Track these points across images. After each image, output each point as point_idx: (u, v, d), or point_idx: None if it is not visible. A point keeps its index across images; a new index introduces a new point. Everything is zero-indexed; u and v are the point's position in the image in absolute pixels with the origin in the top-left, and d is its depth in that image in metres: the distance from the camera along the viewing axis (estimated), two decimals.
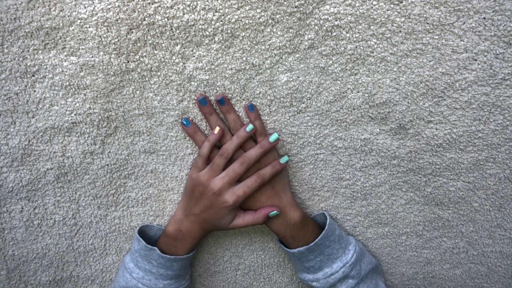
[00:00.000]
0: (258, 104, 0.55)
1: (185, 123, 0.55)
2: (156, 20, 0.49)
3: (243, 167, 0.54)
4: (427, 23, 0.50)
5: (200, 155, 0.55)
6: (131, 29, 0.49)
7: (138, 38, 0.50)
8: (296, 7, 0.49)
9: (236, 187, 0.54)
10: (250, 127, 0.54)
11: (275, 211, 0.56)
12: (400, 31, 0.51)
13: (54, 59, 0.50)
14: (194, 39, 0.50)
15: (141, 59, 0.51)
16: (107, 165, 0.58)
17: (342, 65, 0.53)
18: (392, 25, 0.50)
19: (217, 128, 0.54)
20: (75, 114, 0.54)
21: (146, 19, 0.49)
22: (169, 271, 0.57)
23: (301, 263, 0.59)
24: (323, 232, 0.58)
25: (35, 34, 0.49)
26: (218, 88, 0.54)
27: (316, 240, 0.57)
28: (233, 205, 0.54)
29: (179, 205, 0.59)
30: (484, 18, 0.49)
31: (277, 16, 0.49)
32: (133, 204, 0.62)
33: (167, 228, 0.59)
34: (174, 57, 0.51)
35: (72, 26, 0.49)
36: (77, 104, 0.53)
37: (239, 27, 0.50)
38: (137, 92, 0.53)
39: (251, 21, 0.50)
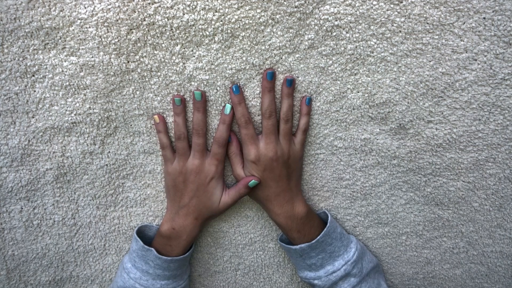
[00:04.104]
0: (258, 104, 0.55)
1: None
2: (156, 20, 0.49)
3: (200, 136, 0.55)
4: (427, 23, 0.50)
5: (163, 147, 0.56)
6: (131, 29, 0.49)
7: (138, 38, 0.50)
8: (296, 7, 0.49)
9: (208, 158, 0.56)
10: (177, 99, 0.53)
11: (253, 180, 0.55)
12: (400, 31, 0.51)
13: (54, 59, 0.50)
14: (194, 39, 0.50)
15: (141, 59, 0.51)
16: (106, 165, 0.58)
17: (342, 65, 0.53)
18: (392, 25, 0.50)
19: (155, 116, 0.55)
20: (75, 114, 0.54)
21: (146, 19, 0.49)
22: (166, 271, 0.57)
23: (303, 260, 0.59)
24: (325, 229, 0.58)
25: (35, 34, 0.49)
26: (218, 88, 0.54)
27: (318, 237, 0.57)
28: (216, 173, 0.55)
29: (167, 206, 0.60)
30: (484, 18, 0.50)
31: (277, 16, 0.49)
32: (132, 204, 0.62)
33: (160, 228, 0.59)
34: (174, 57, 0.51)
35: (72, 26, 0.49)
36: (77, 104, 0.53)
37: (239, 27, 0.50)
38: (137, 92, 0.53)
39: (251, 21, 0.50)
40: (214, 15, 0.49)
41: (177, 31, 0.50)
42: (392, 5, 0.49)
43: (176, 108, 0.54)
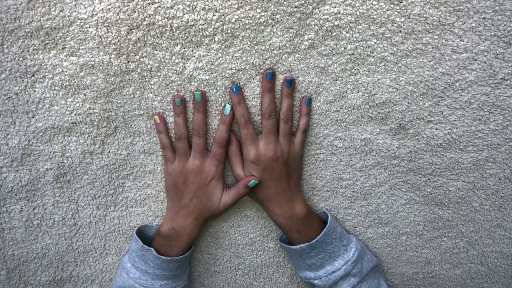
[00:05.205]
0: (258, 104, 0.55)
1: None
2: (156, 20, 0.49)
3: (201, 136, 0.55)
4: (427, 23, 0.50)
5: (163, 148, 0.56)
6: (131, 29, 0.49)
7: (138, 39, 0.50)
8: (296, 7, 0.49)
9: (209, 158, 0.56)
10: (177, 100, 0.54)
11: (253, 180, 0.55)
12: (400, 31, 0.51)
13: (54, 59, 0.50)
14: (194, 39, 0.50)
15: (141, 59, 0.51)
16: (106, 165, 0.58)
17: (342, 65, 0.53)
18: (392, 25, 0.50)
19: (156, 117, 0.55)
20: (75, 114, 0.54)
21: (146, 19, 0.49)
22: (165, 271, 0.57)
23: (303, 260, 0.59)
24: (325, 229, 0.58)
25: (35, 34, 0.49)
26: (218, 88, 0.54)
27: (318, 237, 0.57)
28: (216, 173, 0.56)
29: (167, 206, 0.60)
30: (484, 18, 0.50)
31: (277, 16, 0.49)
32: (132, 204, 0.62)
33: (160, 228, 0.59)
34: (174, 57, 0.51)
35: (72, 26, 0.49)
36: (77, 104, 0.53)
37: (239, 27, 0.50)
38: (137, 92, 0.53)
39: (251, 21, 0.50)
40: (214, 15, 0.49)
41: (177, 31, 0.50)
42: (392, 5, 0.49)
43: (177, 109, 0.54)
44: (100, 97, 0.53)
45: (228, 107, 0.54)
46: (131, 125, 0.56)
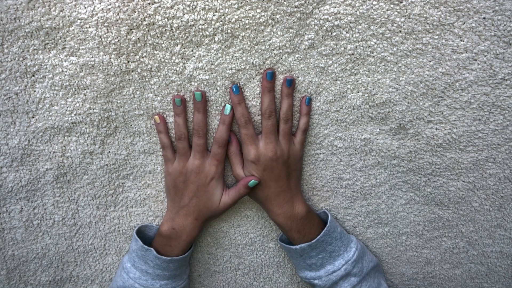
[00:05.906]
0: (258, 104, 0.55)
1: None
2: (156, 20, 0.49)
3: (201, 136, 0.55)
4: (427, 23, 0.50)
5: (163, 148, 0.56)
6: (131, 29, 0.49)
7: (138, 39, 0.50)
8: (296, 7, 0.49)
9: (209, 158, 0.56)
10: (177, 100, 0.54)
11: (253, 180, 0.55)
12: (400, 31, 0.51)
13: (54, 59, 0.50)
14: (194, 39, 0.50)
15: (141, 59, 0.51)
16: (106, 165, 0.58)
17: (342, 65, 0.53)
18: (392, 25, 0.50)
19: (156, 117, 0.55)
20: (75, 114, 0.54)
21: (146, 19, 0.49)
22: (165, 271, 0.57)
23: (303, 260, 0.59)
24: (325, 229, 0.58)
25: (35, 34, 0.49)
26: (218, 88, 0.54)
27: (318, 237, 0.57)
28: (216, 173, 0.56)
29: (167, 206, 0.60)
30: (484, 18, 0.50)
31: (277, 16, 0.49)
32: (132, 204, 0.62)
33: (160, 228, 0.59)
34: (174, 57, 0.51)
35: (72, 26, 0.49)
36: (77, 104, 0.53)
37: (239, 27, 0.50)
38: (137, 92, 0.53)
39: (251, 21, 0.50)
40: (214, 15, 0.49)
41: (177, 31, 0.50)
42: (392, 5, 0.49)
43: (177, 109, 0.54)
44: (100, 97, 0.53)
45: (228, 107, 0.54)
46: (131, 125, 0.56)
